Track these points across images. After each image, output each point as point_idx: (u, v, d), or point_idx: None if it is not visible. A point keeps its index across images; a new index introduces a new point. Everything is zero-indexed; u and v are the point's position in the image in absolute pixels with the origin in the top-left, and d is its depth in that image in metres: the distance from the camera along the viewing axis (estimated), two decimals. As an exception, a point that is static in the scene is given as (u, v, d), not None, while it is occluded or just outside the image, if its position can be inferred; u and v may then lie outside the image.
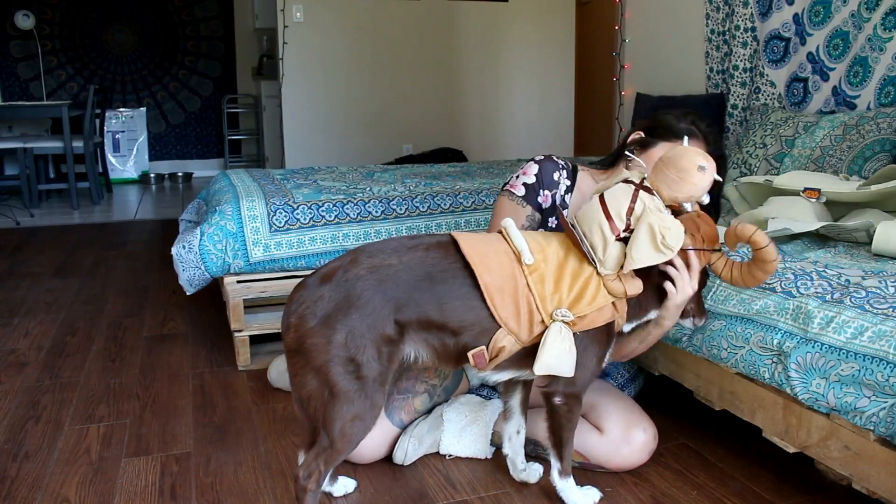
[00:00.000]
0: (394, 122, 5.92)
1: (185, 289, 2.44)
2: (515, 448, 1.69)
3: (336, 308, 1.35)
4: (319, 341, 1.34)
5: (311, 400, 1.37)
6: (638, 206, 1.38)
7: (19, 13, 6.52)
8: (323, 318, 1.34)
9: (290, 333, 1.37)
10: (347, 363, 1.34)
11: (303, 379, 1.37)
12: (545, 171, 1.73)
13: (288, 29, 5.53)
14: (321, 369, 1.34)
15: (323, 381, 1.35)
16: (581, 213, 1.46)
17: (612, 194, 1.42)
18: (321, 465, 1.38)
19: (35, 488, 1.69)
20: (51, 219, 5.06)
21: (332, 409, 1.35)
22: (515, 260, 1.41)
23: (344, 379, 1.34)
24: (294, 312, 1.37)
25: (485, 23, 5.95)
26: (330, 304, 1.35)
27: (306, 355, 1.35)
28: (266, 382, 2.27)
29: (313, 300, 1.36)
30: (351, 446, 1.39)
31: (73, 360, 2.47)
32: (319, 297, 1.36)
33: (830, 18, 2.81)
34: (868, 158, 2.30)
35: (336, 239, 2.52)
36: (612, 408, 1.72)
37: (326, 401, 1.35)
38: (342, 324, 1.34)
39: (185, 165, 7.30)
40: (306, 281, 1.41)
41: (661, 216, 1.37)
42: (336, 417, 1.35)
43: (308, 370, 1.36)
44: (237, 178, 2.94)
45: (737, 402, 1.67)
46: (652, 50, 4.06)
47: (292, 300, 1.39)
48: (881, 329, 1.35)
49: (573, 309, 1.40)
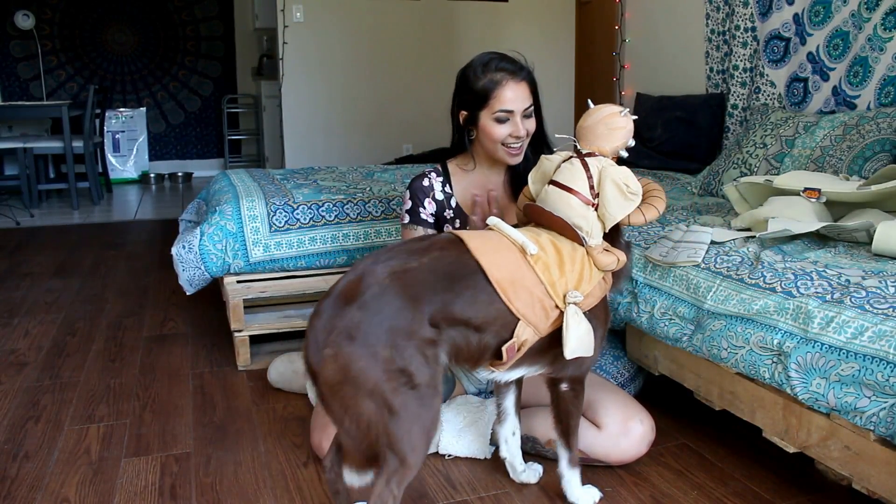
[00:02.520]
0: (394, 122, 5.92)
1: (185, 289, 2.44)
2: (513, 451, 1.70)
3: (372, 324, 1.28)
4: (366, 363, 1.26)
5: (371, 426, 1.28)
6: (593, 171, 1.47)
7: (19, 13, 6.52)
8: (362, 338, 1.27)
9: (330, 365, 1.27)
10: (399, 376, 1.27)
11: (357, 409, 1.27)
12: (414, 189, 1.92)
13: (288, 29, 5.53)
14: (375, 391, 1.26)
15: (380, 402, 1.26)
16: (549, 203, 1.50)
17: (563, 175, 1.49)
18: (394, 489, 1.29)
19: (35, 488, 1.69)
20: (51, 219, 5.06)
21: (397, 428, 1.27)
22: (520, 253, 1.43)
23: (401, 394, 1.27)
24: (327, 343, 1.27)
25: (485, 23, 5.95)
26: (364, 321, 1.27)
27: (355, 382, 1.26)
28: (266, 382, 2.26)
29: (344, 323, 1.27)
30: (422, 459, 1.33)
31: (73, 360, 2.47)
32: (349, 317, 1.28)
33: (830, 18, 2.81)
34: (868, 158, 2.30)
35: (336, 239, 2.52)
36: (609, 403, 1.72)
37: (387, 421, 1.27)
38: (383, 338, 1.28)
39: (185, 165, 7.30)
40: (322, 307, 1.32)
41: (616, 169, 1.47)
42: (402, 434, 1.27)
43: (360, 397, 1.26)
44: (237, 178, 2.94)
45: (737, 402, 1.67)
46: (652, 50, 4.06)
47: (316, 330, 1.29)
48: (881, 329, 1.35)
49: (578, 289, 1.45)
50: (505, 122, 1.76)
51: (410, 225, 1.92)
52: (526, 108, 1.77)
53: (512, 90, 1.75)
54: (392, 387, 1.26)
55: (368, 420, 1.27)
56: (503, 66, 1.76)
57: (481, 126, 1.80)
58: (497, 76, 1.75)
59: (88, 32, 6.90)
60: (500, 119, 1.76)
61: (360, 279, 1.33)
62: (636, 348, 2.03)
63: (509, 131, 1.77)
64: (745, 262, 1.73)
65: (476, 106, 1.79)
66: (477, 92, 1.77)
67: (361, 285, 1.31)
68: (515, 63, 1.78)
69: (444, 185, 1.92)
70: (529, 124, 1.79)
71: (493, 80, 1.75)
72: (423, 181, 1.92)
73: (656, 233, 2.06)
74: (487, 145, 1.82)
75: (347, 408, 1.27)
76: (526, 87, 1.77)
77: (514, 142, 1.78)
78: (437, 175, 1.93)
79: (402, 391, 1.27)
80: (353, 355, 1.26)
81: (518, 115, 1.76)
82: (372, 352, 1.26)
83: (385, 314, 1.29)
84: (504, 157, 1.81)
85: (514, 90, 1.75)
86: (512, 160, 1.81)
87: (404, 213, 1.94)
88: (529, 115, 1.79)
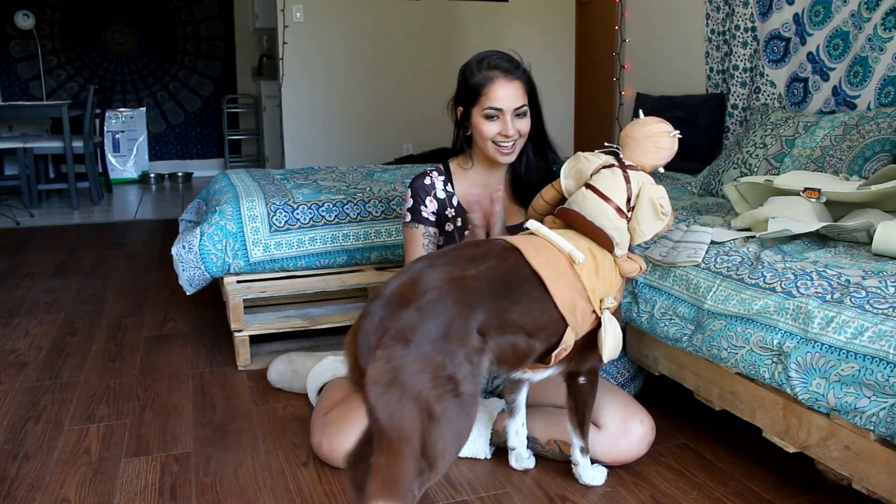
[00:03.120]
0: (394, 122, 5.92)
1: (185, 289, 2.44)
2: (522, 440, 1.74)
3: (427, 328, 1.25)
4: (418, 367, 1.23)
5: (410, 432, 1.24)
6: (634, 185, 1.51)
7: (19, 13, 6.52)
8: (416, 341, 1.24)
9: (381, 366, 1.23)
10: (447, 383, 1.25)
11: (401, 412, 1.23)
12: (416, 188, 1.92)
13: (288, 29, 5.53)
14: (420, 396, 1.23)
15: (423, 407, 1.23)
16: (585, 207, 1.53)
17: (603, 182, 1.52)
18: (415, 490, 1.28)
19: (35, 488, 1.69)
20: (51, 219, 5.06)
21: (434, 433, 1.24)
22: (567, 260, 1.46)
23: (445, 401, 1.25)
24: (379, 344, 1.24)
25: (485, 23, 5.95)
26: (419, 325, 1.25)
27: (403, 386, 1.22)
28: (266, 382, 2.26)
29: (399, 326, 1.24)
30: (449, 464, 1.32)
31: (73, 360, 2.47)
32: (405, 320, 1.25)
33: (830, 18, 2.81)
34: (868, 158, 2.30)
35: (336, 239, 2.52)
36: (609, 403, 1.73)
37: (425, 426, 1.24)
38: (437, 343, 1.25)
39: (185, 165, 7.30)
40: (371, 308, 1.28)
41: (654, 188, 1.51)
42: (437, 440, 1.24)
43: (406, 400, 1.23)
44: (237, 178, 2.94)
45: (737, 402, 1.67)
46: (652, 50, 4.06)
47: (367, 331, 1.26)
48: (881, 329, 1.35)
49: (609, 294, 1.50)
50: (494, 119, 1.76)
51: (412, 223, 1.92)
52: (517, 107, 1.76)
53: (503, 88, 1.75)
54: (437, 393, 1.24)
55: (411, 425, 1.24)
56: (496, 64, 1.77)
57: (473, 123, 1.80)
58: (490, 73, 1.76)
59: (88, 32, 6.91)
60: (489, 116, 1.76)
61: (415, 282, 1.30)
62: (636, 348, 2.03)
63: (498, 129, 1.77)
64: (745, 262, 1.73)
65: (469, 102, 1.80)
66: (470, 88, 1.78)
67: (418, 288, 1.29)
68: (511, 62, 1.78)
69: (445, 184, 1.92)
70: (521, 124, 1.79)
71: (485, 77, 1.76)
72: (425, 180, 1.92)
73: (656, 233, 2.06)
74: (479, 143, 1.82)
75: (392, 411, 1.23)
76: (519, 86, 1.77)
77: (503, 140, 1.78)
78: (439, 174, 1.93)
79: (446, 398, 1.25)
80: (405, 358, 1.23)
81: (508, 114, 1.75)
82: (425, 356, 1.24)
83: (441, 320, 1.27)
84: (495, 154, 1.81)
85: (505, 88, 1.75)
86: (503, 158, 1.81)
87: (406, 212, 1.95)
88: (522, 115, 1.79)
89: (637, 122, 1.56)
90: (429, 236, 1.92)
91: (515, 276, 1.40)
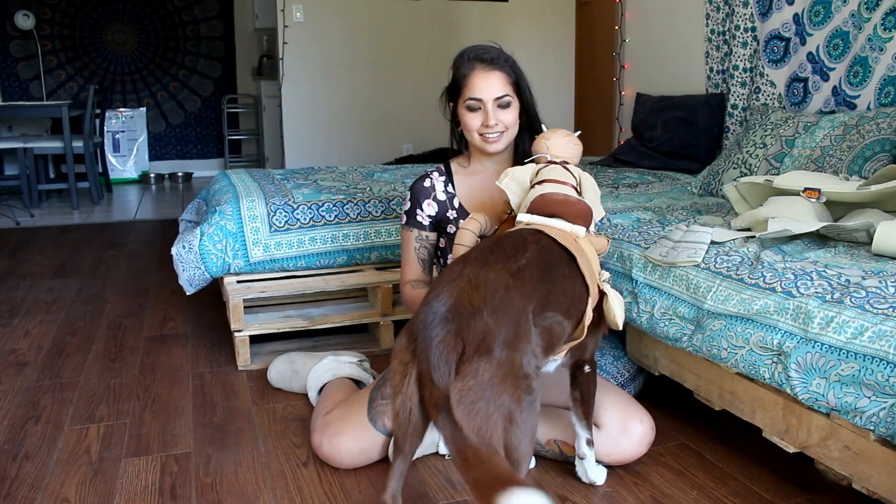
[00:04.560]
0: (394, 122, 5.92)
1: (185, 289, 2.44)
2: None
3: (503, 328, 1.20)
4: (502, 374, 1.18)
5: (498, 441, 1.18)
6: (575, 172, 1.64)
7: (19, 13, 6.52)
8: (497, 348, 1.18)
9: (469, 381, 1.17)
10: (523, 381, 1.21)
11: (488, 425, 1.16)
12: (415, 191, 1.92)
13: (288, 29, 5.53)
14: (504, 403, 1.18)
15: (506, 413, 1.18)
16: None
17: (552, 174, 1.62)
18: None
19: (35, 488, 1.69)
20: (51, 219, 5.06)
21: (516, 437, 1.19)
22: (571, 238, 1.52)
23: (523, 401, 1.21)
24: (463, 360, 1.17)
25: (485, 23, 5.95)
26: (497, 326, 1.20)
27: (489, 398, 1.17)
28: (266, 382, 2.26)
29: (478, 335, 1.18)
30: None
31: (73, 360, 2.47)
32: (481, 326, 1.19)
33: (830, 18, 2.81)
34: (868, 158, 2.30)
35: (336, 239, 2.52)
36: (609, 402, 1.73)
37: (508, 431, 1.19)
38: (514, 344, 1.21)
39: (185, 165, 7.30)
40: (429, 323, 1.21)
41: (586, 174, 1.68)
42: (519, 443, 1.20)
43: (492, 410, 1.17)
44: (237, 178, 2.94)
45: (737, 402, 1.67)
46: (652, 50, 4.06)
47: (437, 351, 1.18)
48: (881, 329, 1.35)
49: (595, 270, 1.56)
50: (476, 110, 1.77)
51: (407, 226, 1.93)
52: (498, 96, 1.76)
53: (483, 79, 1.75)
54: (517, 396, 1.20)
55: (495, 434, 1.18)
56: (476, 55, 1.78)
57: (460, 117, 1.81)
58: (470, 64, 1.78)
59: (88, 32, 6.90)
60: (470, 107, 1.77)
61: (478, 286, 1.25)
62: (636, 348, 2.03)
63: (481, 120, 1.77)
64: (745, 262, 1.73)
65: (454, 96, 1.82)
66: (454, 82, 1.81)
67: (484, 291, 1.24)
68: (491, 52, 1.79)
69: (446, 185, 1.92)
70: (504, 115, 1.78)
71: (466, 69, 1.78)
72: (425, 182, 1.92)
73: (656, 233, 2.06)
74: (467, 137, 1.83)
75: (478, 426, 1.16)
76: (500, 76, 1.77)
77: (487, 131, 1.78)
78: (440, 175, 1.93)
79: (524, 398, 1.21)
80: (490, 369, 1.17)
81: (489, 104, 1.75)
82: (506, 361, 1.18)
83: (512, 318, 1.23)
84: (482, 146, 1.81)
85: (484, 79, 1.75)
86: (489, 147, 1.80)
87: (403, 214, 1.95)
88: (506, 106, 1.77)
89: (550, 131, 1.70)
90: (421, 240, 1.92)
91: (551, 258, 1.42)
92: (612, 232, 2.16)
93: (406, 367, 1.23)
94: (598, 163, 3.69)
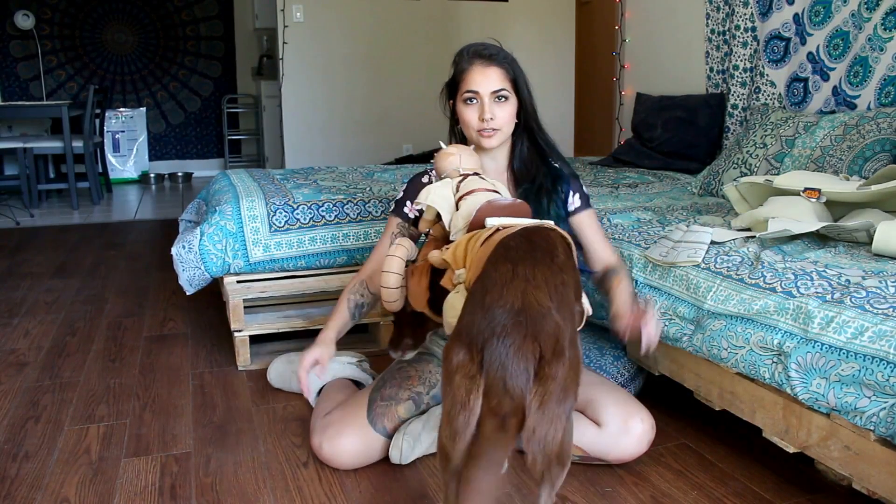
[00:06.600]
0: (394, 122, 5.92)
1: (185, 289, 2.44)
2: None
3: (569, 327, 1.18)
4: (574, 375, 1.15)
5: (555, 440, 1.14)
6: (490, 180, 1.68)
7: (19, 13, 6.52)
8: (568, 343, 1.16)
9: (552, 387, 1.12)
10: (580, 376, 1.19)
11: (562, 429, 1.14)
12: (411, 184, 1.92)
13: (288, 29, 5.53)
14: (571, 399, 1.15)
15: (569, 409, 1.15)
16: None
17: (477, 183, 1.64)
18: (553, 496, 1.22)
19: (35, 488, 1.69)
20: (51, 219, 5.06)
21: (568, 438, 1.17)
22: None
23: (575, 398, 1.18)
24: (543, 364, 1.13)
25: (485, 23, 5.95)
26: (563, 326, 1.17)
27: (565, 396, 1.13)
28: (266, 382, 2.26)
29: (551, 336, 1.14)
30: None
31: (73, 360, 2.47)
32: (552, 327, 1.15)
33: (830, 18, 2.81)
34: (868, 158, 2.30)
35: (336, 239, 2.52)
36: (609, 401, 1.72)
37: (566, 429, 1.16)
38: (576, 339, 1.19)
39: (184, 165, 7.30)
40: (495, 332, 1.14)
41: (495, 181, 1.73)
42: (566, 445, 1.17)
43: (561, 408, 1.14)
44: (237, 177, 2.94)
45: (737, 402, 1.67)
46: (652, 50, 4.06)
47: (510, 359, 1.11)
48: (881, 329, 1.35)
49: None
50: (473, 103, 1.77)
51: (393, 214, 1.92)
52: (495, 90, 1.75)
53: (480, 73, 1.76)
54: (577, 393, 1.17)
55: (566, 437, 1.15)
56: (475, 51, 1.79)
57: (459, 114, 1.81)
58: (470, 60, 1.79)
59: (88, 32, 6.91)
60: (467, 100, 1.77)
61: (536, 284, 1.20)
62: (636, 348, 2.03)
63: (478, 114, 1.77)
64: (745, 262, 1.73)
65: (453, 93, 1.83)
66: (453, 78, 1.82)
67: (546, 288, 1.20)
68: (490, 48, 1.80)
69: None
70: (500, 110, 1.77)
71: (466, 63, 1.79)
72: (423, 178, 1.92)
73: (656, 233, 2.06)
74: (466, 134, 1.83)
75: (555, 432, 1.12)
76: (497, 71, 1.77)
77: (481, 126, 1.77)
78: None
79: (577, 394, 1.19)
80: (565, 366, 1.13)
81: (486, 97, 1.75)
82: (575, 357, 1.16)
83: (570, 311, 1.20)
84: (479, 141, 1.80)
85: (482, 73, 1.76)
86: (485, 142, 1.80)
87: (393, 202, 1.94)
88: (502, 101, 1.77)
89: (453, 146, 1.75)
90: (401, 226, 1.90)
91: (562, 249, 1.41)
92: (612, 232, 2.16)
93: (472, 381, 1.14)
94: (598, 163, 3.69)
